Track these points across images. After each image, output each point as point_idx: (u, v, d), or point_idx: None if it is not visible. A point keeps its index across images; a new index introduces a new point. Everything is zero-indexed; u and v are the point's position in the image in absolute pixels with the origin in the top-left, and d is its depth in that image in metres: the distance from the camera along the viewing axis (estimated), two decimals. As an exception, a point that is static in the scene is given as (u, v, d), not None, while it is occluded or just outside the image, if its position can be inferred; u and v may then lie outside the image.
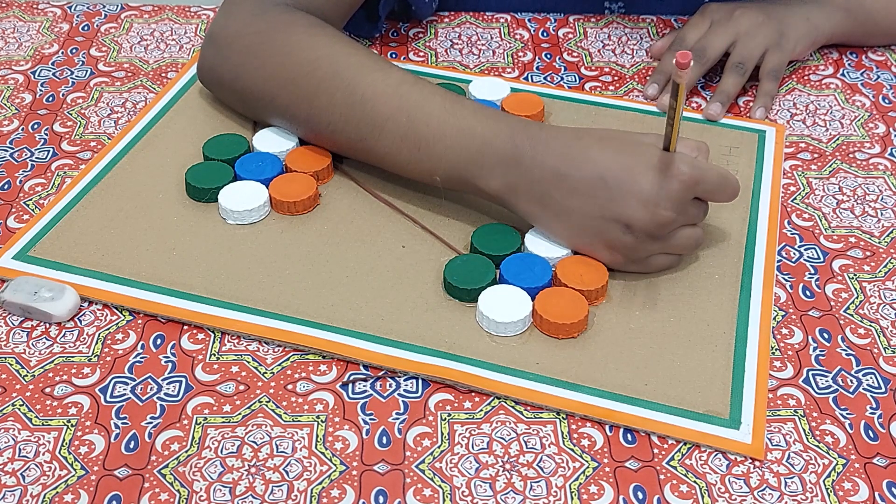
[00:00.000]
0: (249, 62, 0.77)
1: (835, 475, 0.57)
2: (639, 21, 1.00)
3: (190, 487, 0.55)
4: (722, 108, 0.85)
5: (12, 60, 0.92)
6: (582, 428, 0.59)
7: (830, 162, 0.82)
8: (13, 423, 0.59)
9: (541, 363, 0.62)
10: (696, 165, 0.65)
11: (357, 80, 0.72)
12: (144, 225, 0.72)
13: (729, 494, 0.56)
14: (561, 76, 0.92)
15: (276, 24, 0.77)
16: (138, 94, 0.88)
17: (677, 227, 0.67)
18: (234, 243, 0.71)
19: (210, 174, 0.75)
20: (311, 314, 0.65)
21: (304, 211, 0.74)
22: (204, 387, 0.61)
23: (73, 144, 0.81)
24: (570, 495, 0.55)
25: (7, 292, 0.66)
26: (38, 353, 0.63)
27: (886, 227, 0.75)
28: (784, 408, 0.61)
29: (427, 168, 0.70)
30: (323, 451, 0.58)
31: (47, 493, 0.55)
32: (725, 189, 0.67)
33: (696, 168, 0.65)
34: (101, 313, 0.66)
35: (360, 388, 0.62)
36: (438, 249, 0.71)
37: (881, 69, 0.94)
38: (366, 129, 0.71)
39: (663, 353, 0.63)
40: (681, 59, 0.59)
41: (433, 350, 0.63)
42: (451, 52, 0.94)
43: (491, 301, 0.65)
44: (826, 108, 0.88)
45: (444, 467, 0.57)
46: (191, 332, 0.65)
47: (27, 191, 0.77)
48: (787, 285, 0.70)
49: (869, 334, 0.66)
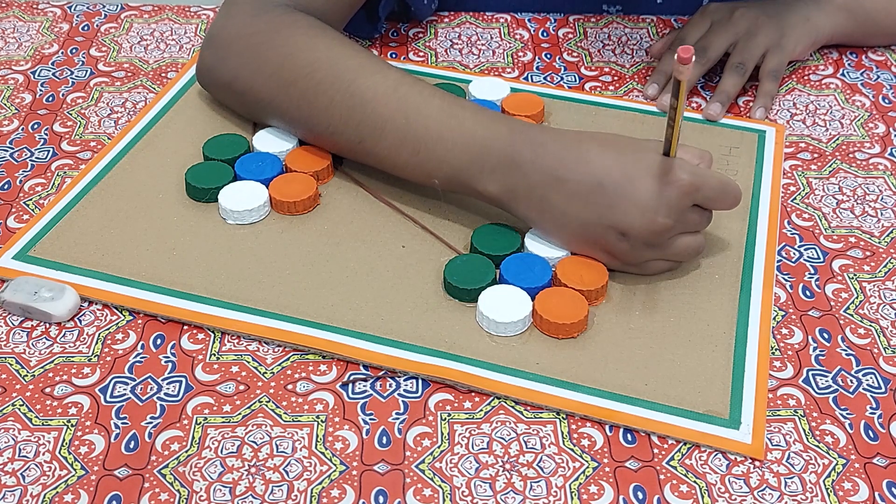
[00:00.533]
0: (248, 64, 0.77)
1: (835, 475, 0.57)
2: (638, 21, 1.00)
3: (190, 487, 0.55)
4: (722, 108, 0.85)
5: (12, 60, 0.92)
6: (582, 428, 0.59)
7: (830, 162, 0.82)
8: (13, 423, 0.59)
9: (541, 363, 0.62)
10: (696, 172, 0.65)
11: (356, 83, 0.71)
12: (144, 225, 0.72)
13: (729, 494, 0.56)
14: (561, 76, 0.92)
15: (275, 26, 0.76)
16: (138, 94, 0.88)
17: (676, 235, 0.66)
18: (234, 243, 0.71)
19: (210, 174, 0.75)
20: (311, 314, 0.65)
21: (304, 211, 0.74)
22: (204, 387, 0.61)
23: (73, 144, 0.81)
24: (570, 495, 0.55)
25: (7, 292, 0.66)
26: (38, 353, 0.63)
27: (886, 227, 0.75)
28: (784, 408, 0.61)
29: (426, 170, 0.70)
30: (323, 451, 0.58)
31: (47, 493, 0.55)
32: (726, 197, 0.66)
33: (695, 175, 0.64)
34: (101, 313, 0.66)
35: (360, 388, 0.62)
36: (438, 249, 0.71)
37: (881, 69, 0.94)
38: (365, 131, 0.71)
39: (663, 353, 0.63)
40: (682, 54, 0.58)
41: (433, 350, 0.63)
42: (451, 52, 0.94)
43: (491, 301, 0.65)
44: (826, 108, 0.88)
45: (444, 467, 0.57)
46: (191, 332, 0.65)
47: (27, 191, 0.77)
48: (787, 285, 0.70)
49: (869, 334, 0.66)
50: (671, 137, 0.64)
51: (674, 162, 0.64)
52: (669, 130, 0.64)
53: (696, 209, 0.66)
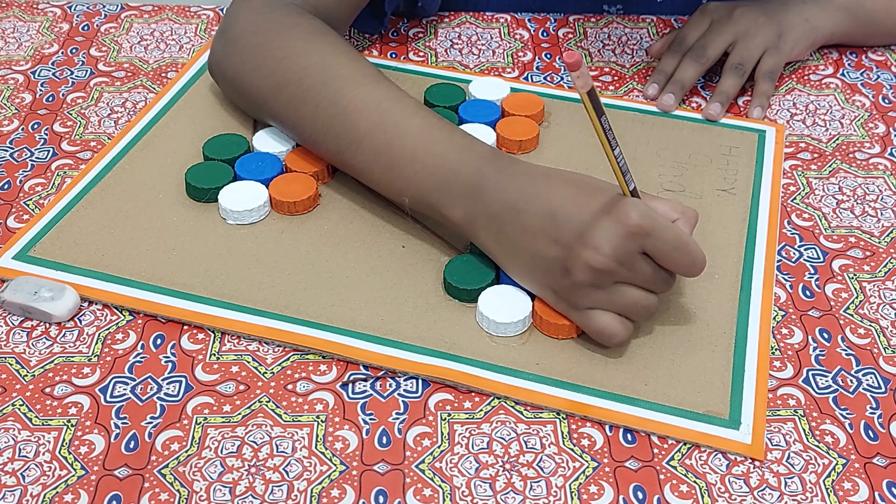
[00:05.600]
0: (249, 62, 0.77)
1: (835, 475, 0.57)
2: (638, 21, 1.00)
3: (190, 487, 0.55)
4: (721, 108, 0.85)
5: (12, 60, 0.92)
6: (582, 428, 0.59)
7: (830, 162, 0.82)
8: (13, 423, 0.59)
9: (541, 363, 0.62)
10: (650, 217, 0.59)
11: (342, 93, 0.71)
12: (144, 225, 0.72)
13: (729, 494, 0.56)
14: (561, 76, 0.92)
15: (277, 26, 0.77)
16: (138, 94, 0.88)
17: (624, 284, 0.61)
18: (234, 243, 0.71)
19: (210, 174, 0.75)
20: (311, 314, 0.65)
21: (304, 211, 0.74)
22: (204, 387, 0.61)
23: (73, 144, 0.81)
24: (570, 495, 0.55)
25: (7, 292, 0.66)
26: (38, 353, 0.63)
27: (886, 227, 0.75)
28: (784, 408, 0.61)
29: (397, 188, 0.69)
30: (323, 451, 0.58)
31: (47, 493, 0.55)
32: (679, 255, 0.60)
33: (647, 218, 0.59)
34: (101, 313, 0.66)
35: (360, 388, 0.62)
36: (438, 249, 0.71)
37: (881, 69, 0.94)
38: (344, 142, 0.71)
39: (663, 353, 0.63)
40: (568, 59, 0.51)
41: (433, 350, 0.63)
42: (451, 52, 0.94)
43: (491, 301, 0.65)
44: (826, 108, 0.88)
45: (444, 467, 0.57)
46: (191, 332, 0.65)
47: (27, 191, 0.77)
48: (787, 285, 0.70)
49: (869, 334, 0.66)
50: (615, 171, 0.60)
51: (627, 200, 0.60)
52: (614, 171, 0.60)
53: (649, 261, 0.60)
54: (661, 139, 0.83)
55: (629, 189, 0.60)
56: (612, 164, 0.59)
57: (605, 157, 0.59)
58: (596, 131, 0.57)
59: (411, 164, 0.67)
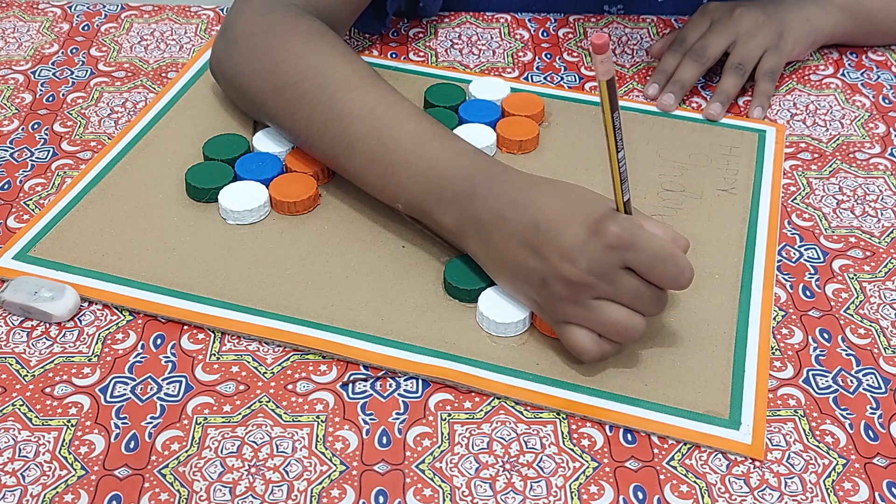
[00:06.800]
0: (247, 63, 0.77)
1: (835, 475, 0.57)
2: (639, 21, 1.00)
3: (190, 487, 0.55)
4: (722, 108, 0.85)
5: (12, 60, 0.92)
6: (582, 428, 0.59)
7: (830, 162, 0.82)
8: (13, 423, 0.59)
9: (541, 364, 0.62)
10: (632, 230, 0.57)
11: (337, 97, 0.71)
12: (144, 225, 0.72)
13: (729, 494, 0.56)
14: (561, 76, 0.92)
15: (276, 28, 0.76)
16: (138, 94, 0.88)
17: (603, 299, 0.59)
18: (234, 243, 0.71)
19: (210, 174, 0.75)
20: (310, 314, 0.65)
21: (304, 211, 0.74)
22: (204, 387, 0.61)
23: (73, 144, 0.81)
24: (570, 495, 0.55)
25: (7, 292, 0.66)
26: (38, 353, 0.63)
27: (886, 227, 0.75)
28: (784, 408, 0.61)
29: (391, 193, 0.69)
30: (323, 451, 0.58)
31: (47, 493, 0.55)
32: (665, 266, 0.58)
33: (628, 231, 0.57)
34: (101, 313, 0.66)
35: (360, 388, 0.62)
36: (438, 249, 0.71)
37: (881, 69, 0.94)
38: (338, 146, 0.71)
39: (663, 353, 0.63)
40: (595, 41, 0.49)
41: (433, 350, 0.63)
42: (451, 52, 0.94)
43: (491, 301, 0.65)
44: (826, 108, 0.88)
45: (444, 467, 0.57)
46: (191, 332, 0.65)
47: (27, 191, 0.77)
48: (787, 285, 0.70)
49: (869, 334, 0.66)
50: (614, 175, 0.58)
51: (610, 213, 0.58)
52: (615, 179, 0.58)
53: (633, 276, 0.58)
54: (661, 139, 0.83)
55: (623, 200, 0.59)
56: (613, 166, 0.58)
57: (607, 157, 0.58)
58: (605, 127, 0.57)
59: (404, 169, 0.67)
